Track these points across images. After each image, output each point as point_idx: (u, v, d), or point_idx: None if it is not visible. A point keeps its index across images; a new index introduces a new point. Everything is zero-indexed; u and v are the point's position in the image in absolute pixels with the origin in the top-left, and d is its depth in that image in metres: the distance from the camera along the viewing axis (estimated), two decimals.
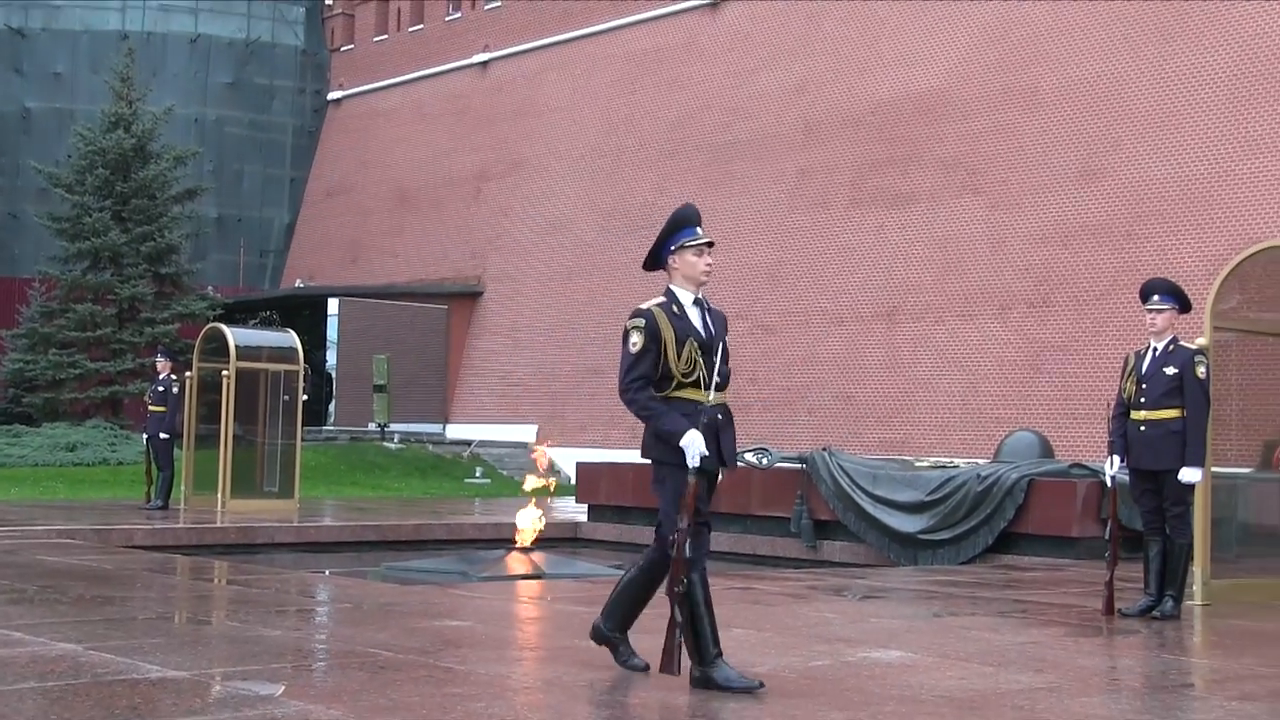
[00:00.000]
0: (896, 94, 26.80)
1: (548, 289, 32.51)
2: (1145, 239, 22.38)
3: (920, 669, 6.22)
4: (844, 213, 27.06)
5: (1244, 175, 21.56)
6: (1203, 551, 9.04)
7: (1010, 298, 24.11)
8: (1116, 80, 23.57)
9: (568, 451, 29.13)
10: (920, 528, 13.37)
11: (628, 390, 5.80)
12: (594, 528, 16.53)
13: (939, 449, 23.56)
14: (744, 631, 7.37)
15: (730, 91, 30.02)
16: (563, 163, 33.31)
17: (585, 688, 5.56)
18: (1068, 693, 5.82)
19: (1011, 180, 24.60)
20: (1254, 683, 6.20)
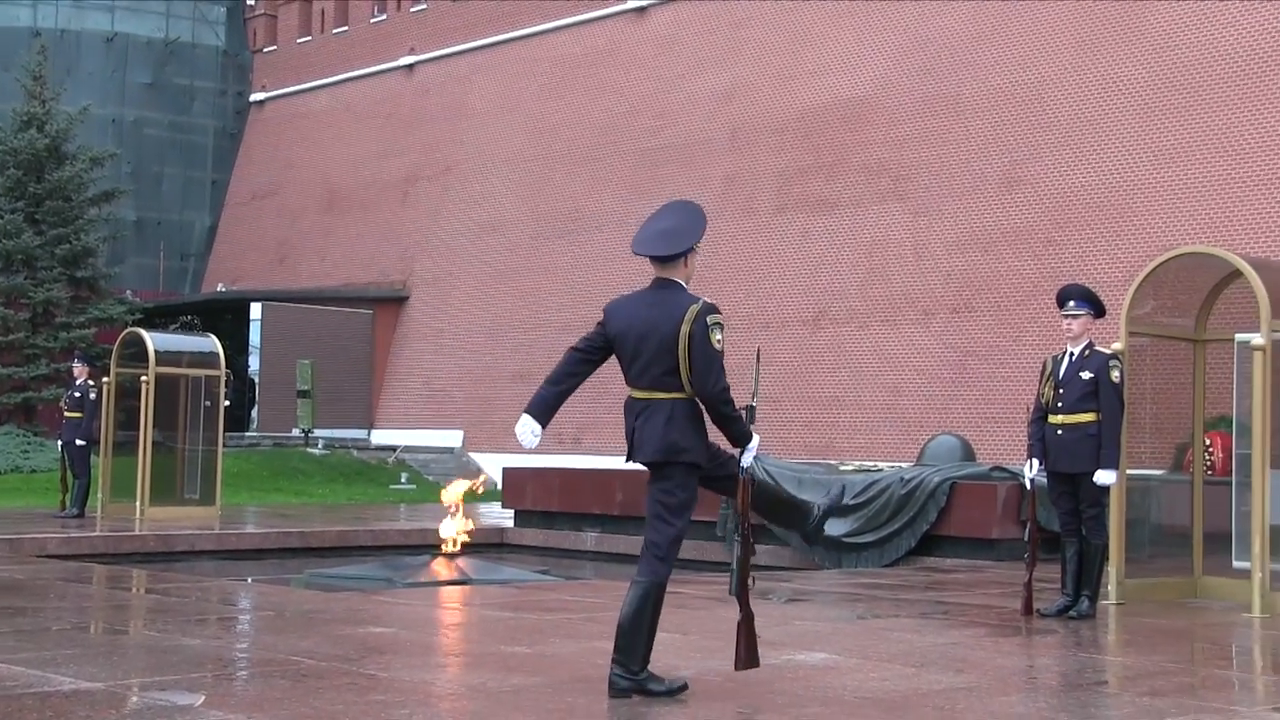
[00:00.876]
0: (821, 101, 27.00)
1: (476, 293, 32.42)
2: (1064, 246, 22.71)
3: (844, 671, 6.28)
4: (770, 218, 27.22)
5: (1159, 184, 21.93)
6: (1117, 552, 9.19)
7: (933, 303, 24.36)
8: (1036, 89, 23.89)
9: (494, 457, 29.06)
10: (845, 531, 13.48)
11: (726, 390, 5.51)
12: (520, 533, 16.50)
13: (863, 453, 23.75)
14: (669, 635, 7.39)
15: (657, 97, 30.10)
16: (491, 166, 33.23)
17: (510, 694, 5.57)
18: (987, 692, 5.91)
19: (935, 187, 24.86)
20: (1164, 679, 6.32)
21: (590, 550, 15.64)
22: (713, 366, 5.42)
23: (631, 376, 5.58)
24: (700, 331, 5.42)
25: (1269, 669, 7.22)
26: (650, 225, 5.77)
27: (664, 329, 5.45)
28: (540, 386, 5.78)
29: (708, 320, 5.45)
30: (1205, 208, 21.27)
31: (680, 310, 5.46)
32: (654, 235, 5.69)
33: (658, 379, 5.50)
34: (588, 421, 29.07)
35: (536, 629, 7.60)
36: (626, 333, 5.55)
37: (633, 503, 15.45)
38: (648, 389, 5.52)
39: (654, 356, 5.48)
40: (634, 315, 5.57)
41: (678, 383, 5.47)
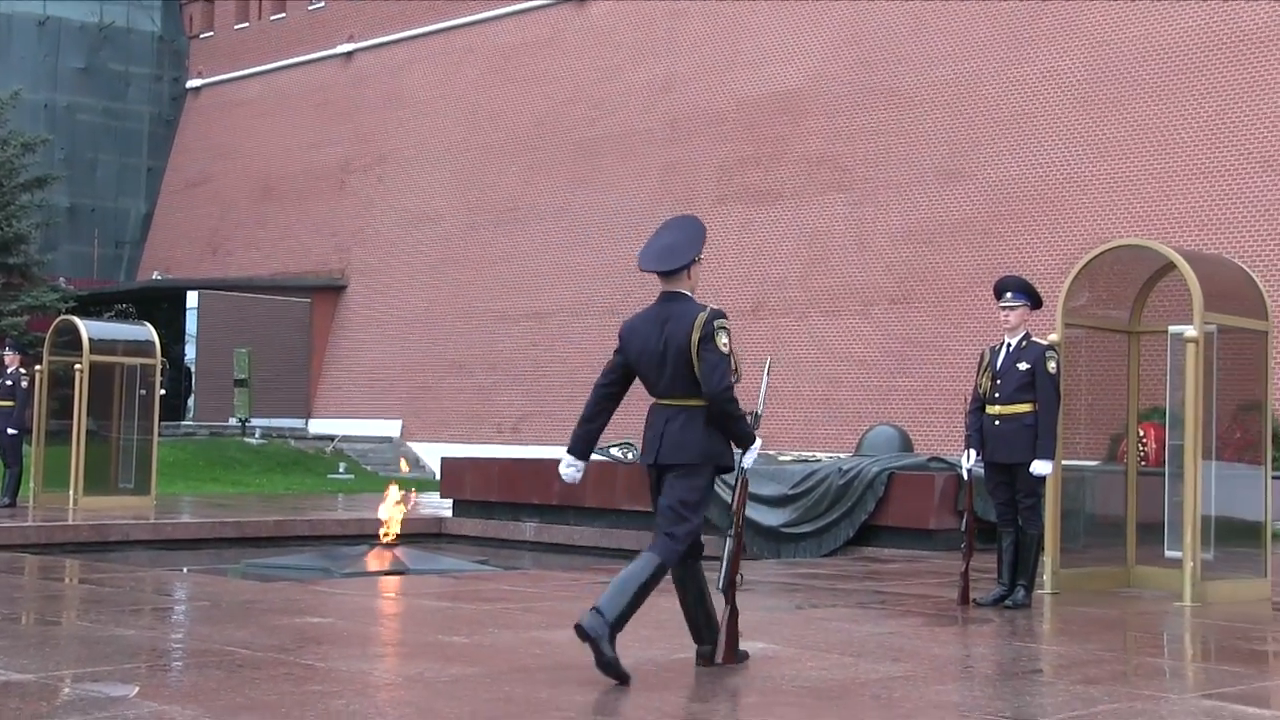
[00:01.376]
0: (761, 92, 27.07)
1: (413, 282, 32.25)
2: (1002, 237, 22.90)
3: (782, 660, 6.30)
4: (710, 209, 27.25)
5: (1095, 177, 22.16)
6: (1053, 542, 9.29)
7: (873, 294, 24.50)
8: (975, 82, 24.07)
9: (432, 446, 28.96)
10: (783, 521, 13.53)
11: (730, 389, 5.82)
12: (458, 523, 16.44)
13: (802, 443, 23.87)
14: None
15: (596, 87, 30.05)
16: (428, 155, 33.06)
17: (448, 683, 5.54)
18: (924, 681, 5.95)
19: (875, 178, 25.00)
20: (1097, 667, 6.39)
21: (529, 540, 15.62)
22: (717, 367, 5.76)
23: (658, 390, 5.94)
24: (709, 336, 5.79)
25: (1199, 657, 7.32)
26: (654, 241, 6.05)
27: (679, 341, 5.81)
28: (576, 426, 6.15)
29: (715, 325, 5.80)
30: (1140, 201, 21.52)
31: (690, 321, 5.81)
32: (658, 251, 5.98)
33: (682, 388, 5.86)
34: (527, 412, 29.03)
35: (474, 619, 7.58)
36: (645, 353, 5.90)
37: (571, 493, 15.44)
38: (674, 398, 5.89)
39: (675, 368, 5.84)
40: (649, 335, 5.90)
41: (697, 390, 5.83)
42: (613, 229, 28.62)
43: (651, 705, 5.17)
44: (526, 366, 29.33)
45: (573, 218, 29.42)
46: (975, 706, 5.41)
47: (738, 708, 5.17)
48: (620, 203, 28.67)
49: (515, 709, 5.07)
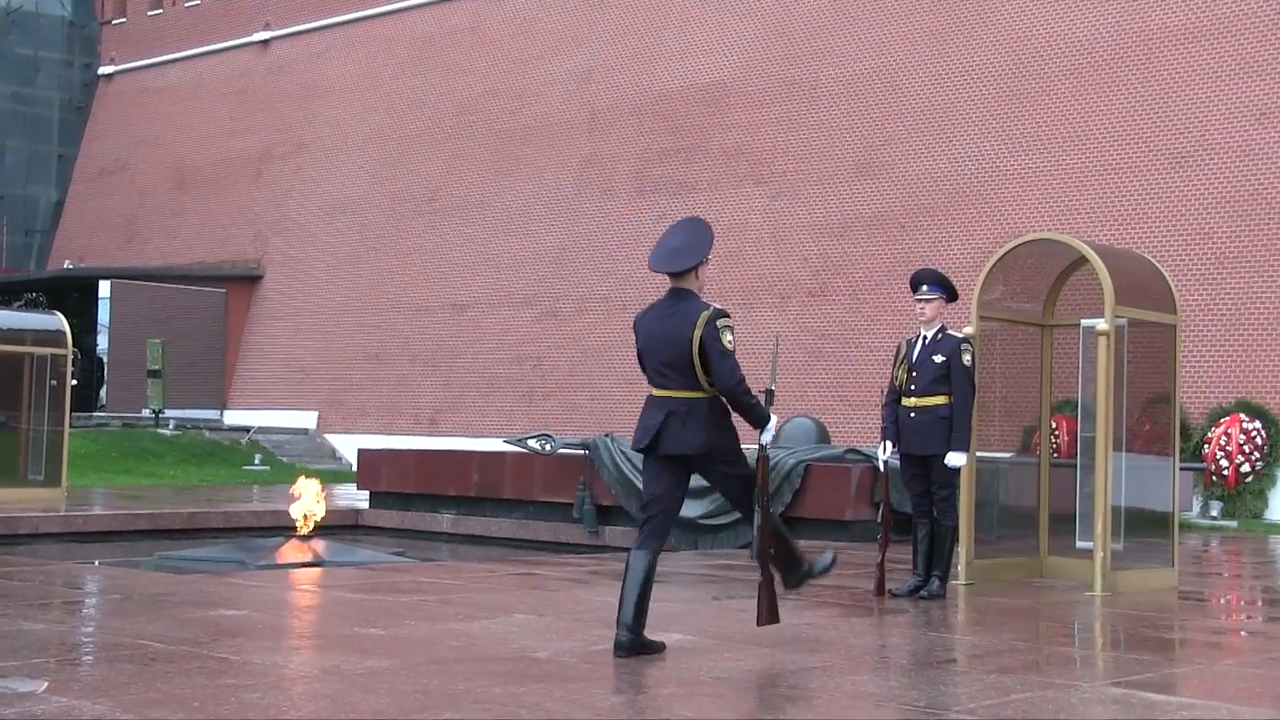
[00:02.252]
0: (680, 84, 27.11)
1: (332, 273, 31.97)
2: (918, 231, 23.11)
3: (699, 651, 6.31)
4: (628, 200, 27.27)
5: (1010, 171, 22.43)
6: (967, 533, 9.40)
7: (790, 286, 24.64)
8: (892, 76, 24.26)
9: (350, 438, 28.73)
10: (701, 513, 13.57)
11: (743, 382, 6.21)
12: (376, 515, 16.34)
13: None
14: (525, 617, 7.38)
15: (516, 77, 29.95)
16: (348, 145, 32.77)
17: (364, 676, 5.50)
18: (840, 672, 5.99)
19: (792, 171, 25.13)
20: (1011, 656, 6.47)
21: (446, 532, 15.56)
22: (726, 363, 6.16)
23: (654, 378, 6.30)
24: (711, 335, 6.16)
25: (1109, 645, 7.43)
26: (664, 243, 6.46)
27: (680, 336, 6.20)
28: None
29: (717, 325, 6.19)
30: (1053, 195, 21.81)
31: (692, 319, 6.19)
32: (668, 253, 6.40)
33: (678, 380, 6.22)
34: (445, 403, 28.89)
35: (391, 611, 7.53)
36: (650, 342, 6.31)
37: (489, 484, 15.40)
38: (669, 389, 6.25)
39: (673, 360, 6.22)
40: (654, 326, 6.34)
41: (697, 383, 6.20)
42: (533, 219, 28.54)
43: (570, 697, 5.16)
44: (445, 358, 29.19)
45: (493, 208, 29.30)
46: (891, 697, 5.46)
47: (656, 699, 5.18)
48: (540, 193, 28.61)
49: (432, 701, 5.05)
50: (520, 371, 27.86)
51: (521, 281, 28.43)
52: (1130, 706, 5.31)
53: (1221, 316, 19.91)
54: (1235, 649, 7.40)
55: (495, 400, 28.00)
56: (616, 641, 6.06)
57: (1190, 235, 20.44)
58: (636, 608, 6.07)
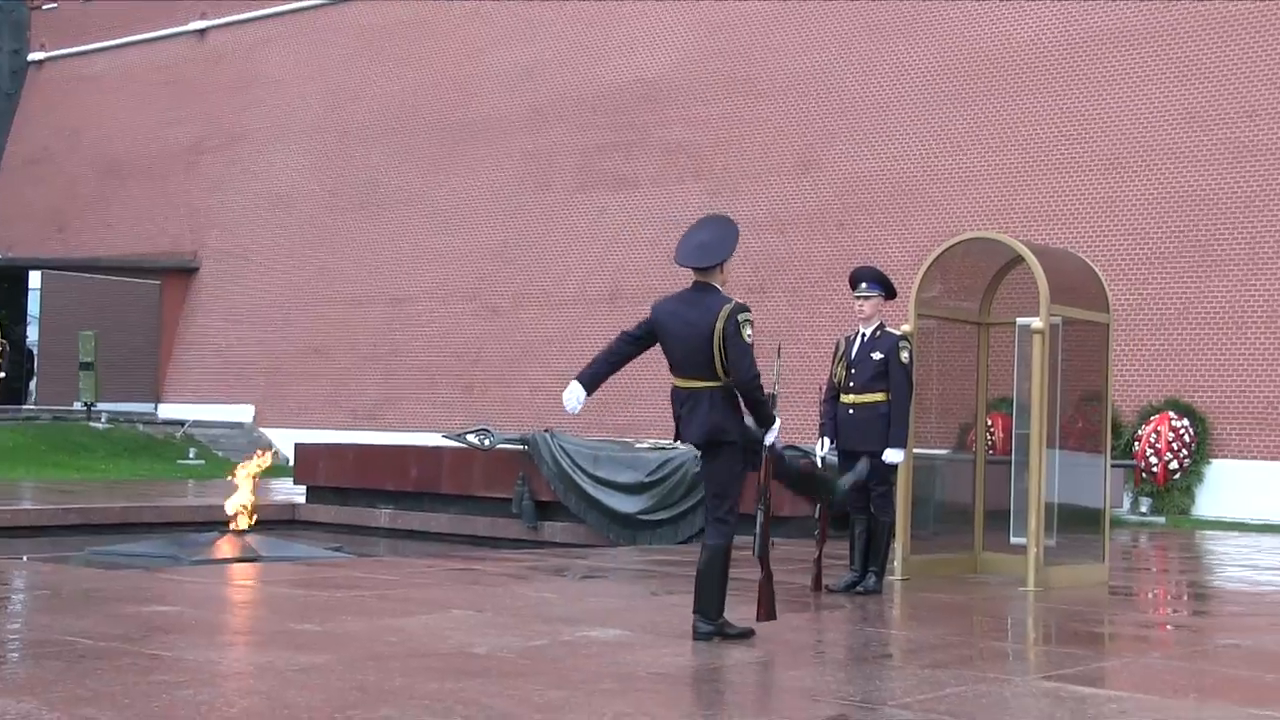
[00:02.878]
0: (622, 80, 27.10)
1: (269, 266, 31.69)
2: (856, 229, 23.24)
3: (637, 647, 6.32)
4: (569, 195, 27.24)
5: (948, 170, 22.60)
6: (903, 529, 9.46)
7: (729, 283, 24.66)
8: (831, 74, 24.38)
9: (287, 432, 28.50)
10: (640, 508, 13.59)
11: (757, 377, 6.43)
12: (312, 509, 16.23)
13: (659, 431, 23.97)
14: (464, 612, 7.36)
15: (459, 71, 29.82)
16: (286, 137, 32.49)
17: (299, 672, 5.46)
18: (777, 666, 6.02)
19: (732, 168, 25.19)
20: (944, 651, 6.53)
21: (384, 527, 15.48)
22: (745, 357, 6.35)
23: (676, 368, 6.52)
24: (733, 328, 6.34)
25: (1041, 640, 7.51)
26: (690, 237, 6.64)
27: (701, 327, 6.38)
28: (590, 363, 6.67)
29: (739, 318, 6.38)
30: (991, 194, 22.01)
31: (715, 311, 6.37)
32: (694, 248, 6.58)
33: (698, 370, 6.42)
34: (383, 398, 28.74)
35: (327, 606, 7.48)
36: (669, 330, 6.48)
37: (428, 479, 15.35)
38: (690, 379, 6.46)
39: (694, 350, 6.40)
40: (675, 315, 6.51)
41: (714, 373, 6.38)
42: (474, 214, 28.44)
43: (508, 693, 5.15)
44: (384, 352, 29.02)
45: (434, 202, 29.16)
46: (827, 691, 5.49)
47: (594, 694, 5.17)
48: (482, 188, 28.51)
49: (368, 697, 5.02)
50: (460, 366, 27.76)
51: (462, 276, 28.33)
52: (1061, 700, 5.37)
53: (1152, 316, 20.17)
54: (1162, 642, 7.50)
55: (434, 395, 27.89)
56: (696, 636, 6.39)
57: (1123, 236, 20.70)
58: (717, 596, 6.39)
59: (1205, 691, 5.67)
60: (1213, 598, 9.94)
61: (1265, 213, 19.73)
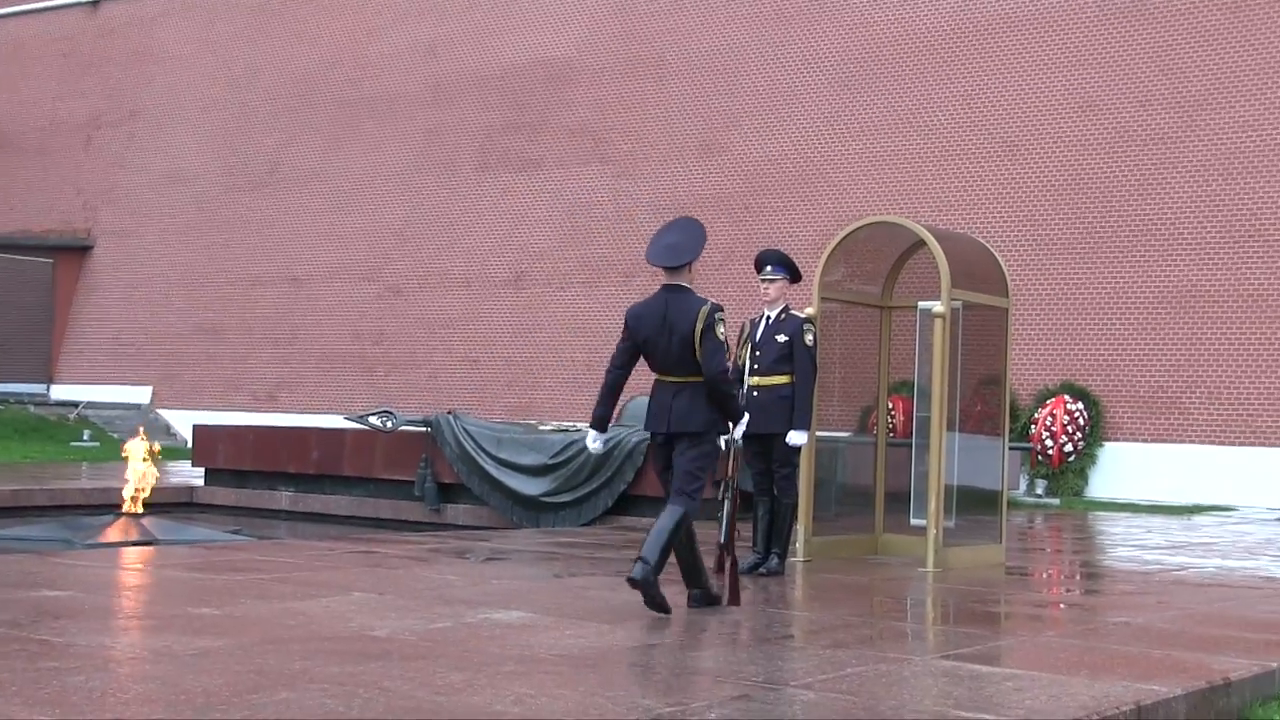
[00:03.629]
0: (525, 59, 26.97)
1: (166, 244, 31.15)
2: (761, 212, 23.36)
3: (540, 629, 6.31)
4: (472, 176, 27.08)
5: (851, 155, 22.79)
6: (806, 511, 9.54)
7: (634, 265, 24.70)
8: (736, 58, 24.46)
9: (184, 414, 28.08)
10: (543, 490, 13.57)
11: (726, 373, 6.93)
12: (211, 492, 16.01)
13: (563, 413, 23.95)
14: (365, 595, 7.30)
15: (359, 48, 29.49)
16: (183, 113, 31.92)
17: (196, 656, 5.38)
18: (680, 647, 6.04)
19: (637, 150, 25.19)
20: (845, 631, 6.59)
21: (285, 510, 15.32)
22: (716, 354, 6.85)
23: (661, 367, 7.00)
24: (711, 325, 6.87)
25: (940, 620, 7.62)
26: (660, 239, 7.12)
27: (682, 328, 6.89)
28: (596, 406, 7.32)
29: (714, 317, 6.90)
30: (893, 179, 22.22)
31: (693, 313, 6.90)
32: (664, 249, 7.06)
33: (683, 368, 6.92)
34: (283, 379, 28.41)
35: (226, 590, 7.38)
36: (652, 335, 6.97)
37: (329, 461, 15.20)
38: (676, 375, 6.95)
39: (678, 350, 6.90)
40: (652, 317, 6.99)
41: (697, 369, 6.89)
42: (374, 193, 28.17)
43: (409, 676, 5.11)
44: (284, 332, 28.69)
45: (333, 181, 28.84)
46: (730, 672, 5.52)
47: (496, 676, 5.15)
48: (382, 167, 28.25)
49: (267, 681, 4.95)
50: (361, 347, 27.52)
51: (362, 256, 28.06)
52: (959, 678, 5.44)
53: (1048, 300, 20.51)
54: (1056, 621, 7.64)
55: (336, 376, 27.62)
56: (631, 576, 6.66)
57: (1021, 221, 21.01)
58: (662, 551, 6.69)
59: (1097, 668, 5.78)
60: (1104, 577, 10.14)
61: (1156, 198, 20.13)
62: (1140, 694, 5.25)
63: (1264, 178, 19.38)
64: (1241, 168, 19.56)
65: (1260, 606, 8.18)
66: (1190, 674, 5.73)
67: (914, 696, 5.09)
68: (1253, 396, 19.10)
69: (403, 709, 4.58)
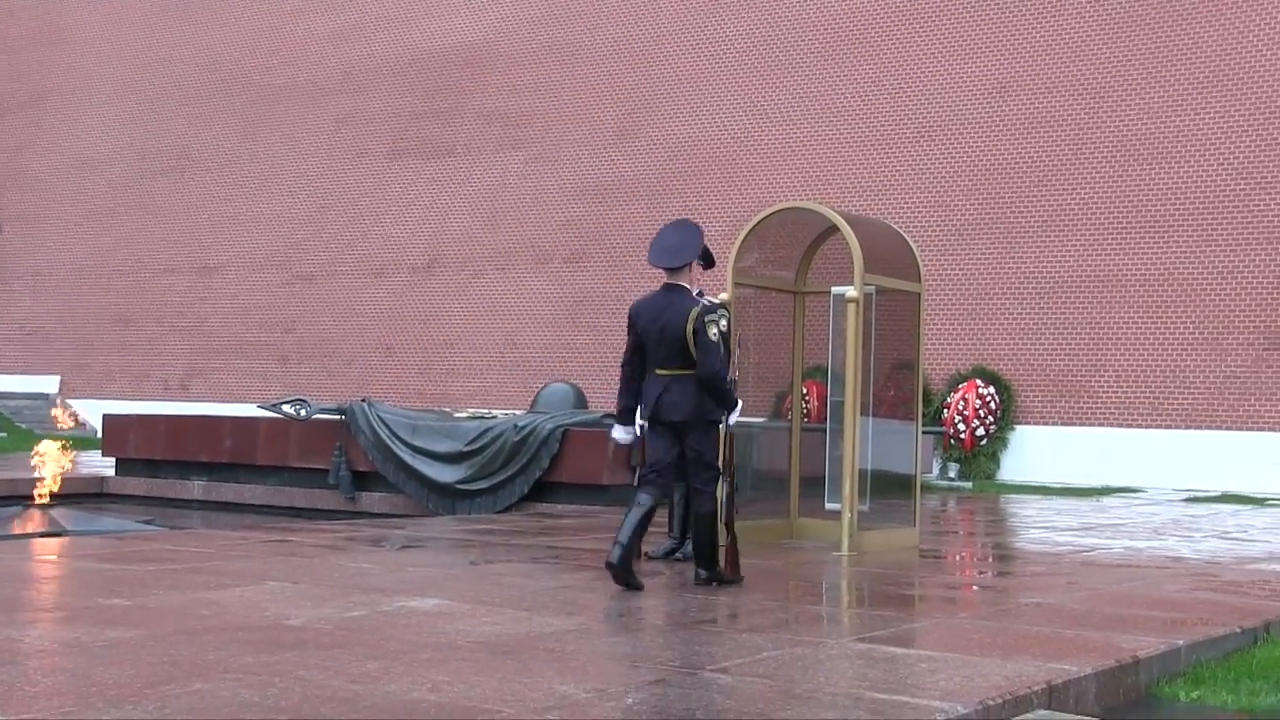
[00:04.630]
0: (438, 44, 26.80)
1: (74, 231, 30.63)
2: (676, 196, 23.40)
3: (456, 616, 6.29)
4: (385, 162, 26.87)
5: (765, 141, 22.89)
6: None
7: (548, 251, 24.67)
8: (651, 43, 24.46)
9: (93, 403, 27.65)
10: (458, 477, 13.52)
11: (720, 370, 7.41)
12: (122, 482, 15.79)
13: (477, 400, 23.89)
14: (279, 584, 7.24)
15: (269, 34, 29.14)
16: (92, 98, 31.37)
17: (107, 648, 5.31)
18: (597, 633, 6.05)
19: (551, 135, 25.13)
20: (762, 615, 6.64)
21: (198, 499, 15.14)
22: (710, 352, 7.36)
23: (657, 359, 7.47)
24: (701, 328, 7.37)
25: (855, 603, 7.70)
26: (660, 241, 7.65)
27: (675, 326, 7.41)
28: (619, 401, 7.71)
29: (705, 319, 7.39)
30: (807, 165, 22.35)
31: (685, 312, 7.41)
32: (664, 250, 7.61)
33: (676, 361, 7.42)
34: (195, 368, 28.06)
35: (138, 581, 7.28)
36: (649, 329, 7.48)
37: (242, 450, 15.05)
38: (669, 368, 7.44)
39: (671, 345, 7.41)
40: (653, 316, 7.51)
41: (690, 363, 7.41)
42: (286, 180, 27.87)
43: (324, 665, 5.08)
44: (195, 320, 28.33)
45: (244, 167, 28.50)
46: (647, 657, 5.54)
47: (413, 664, 5.14)
48: (294, 153, 27.95)
49: (180, 672, 4.90)
50: (274, 335, 27.24)
51: (274, 243, 27.77)
52: (874, 661, 5.51)
53: (960, 286, 20.76)
54: (969, 603, 7.74)
55: (248, 364, 27.32)
56: (609, 559, 7.20)
57: (933, 206, 21.23)
58: (633, 534, 7.23)
59: (1009, 648, 5.87)
60: (1016, 559, 10.30)
61: (1064, 184, 20.42)
62: (1051, 673, 5.34)
63: (1169, 164, 19.73)
64: (1148, 154, 19.90)
65: (1166, 586, 8.35)
66: (1100, 653, 5.84)
67: (830, 679, 5.14)
68: (1158, 380, 19.47)
69: (318, 698, 4.55)
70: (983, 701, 4.81)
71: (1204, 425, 19.08)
